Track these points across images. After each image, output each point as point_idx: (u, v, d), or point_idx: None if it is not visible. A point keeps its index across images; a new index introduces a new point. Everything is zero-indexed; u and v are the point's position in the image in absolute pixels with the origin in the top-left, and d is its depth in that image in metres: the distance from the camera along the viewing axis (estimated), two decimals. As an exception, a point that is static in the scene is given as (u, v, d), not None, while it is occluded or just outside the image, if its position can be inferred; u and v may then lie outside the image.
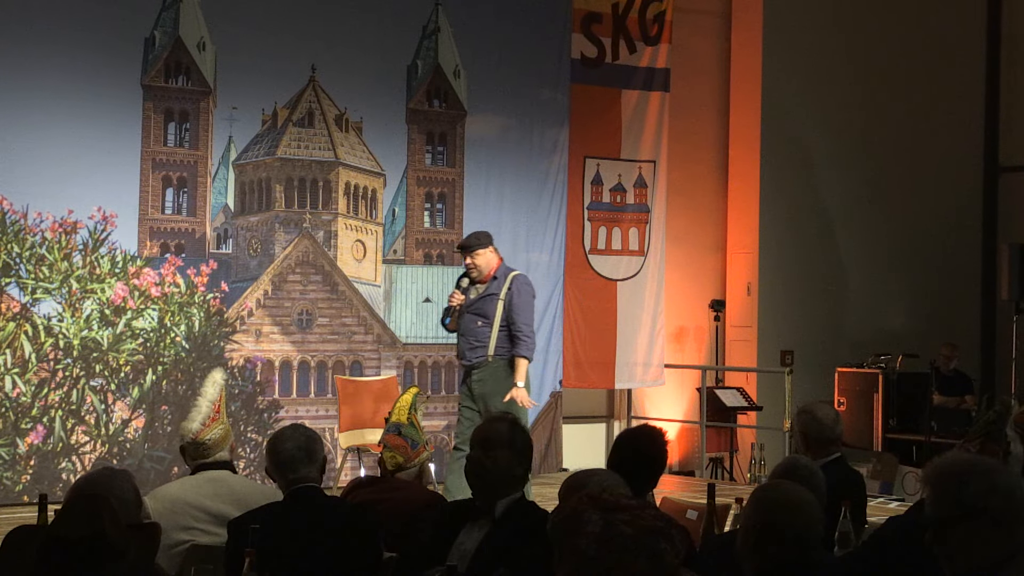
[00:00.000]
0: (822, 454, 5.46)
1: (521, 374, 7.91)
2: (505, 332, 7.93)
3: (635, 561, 2.69)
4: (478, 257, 8.00)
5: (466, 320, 8.00)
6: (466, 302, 8.02)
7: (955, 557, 2.89)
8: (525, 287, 8.10)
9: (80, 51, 9.02)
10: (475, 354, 7.96)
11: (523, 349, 7.92)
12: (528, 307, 8.07)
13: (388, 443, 5.14)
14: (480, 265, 8.00)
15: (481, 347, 7.95)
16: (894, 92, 13.09)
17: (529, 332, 8.00)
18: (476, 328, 7.96)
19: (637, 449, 4.84)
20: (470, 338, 7.99)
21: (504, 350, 7.94)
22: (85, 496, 3.41)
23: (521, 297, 8.00)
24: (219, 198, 9.75)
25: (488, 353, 7.93)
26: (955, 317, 13.22)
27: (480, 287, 8.03)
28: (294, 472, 4.33)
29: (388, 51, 10.31)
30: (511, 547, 3.96)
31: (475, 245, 8.03)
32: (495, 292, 7.97)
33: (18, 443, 8.78)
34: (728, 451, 11.94)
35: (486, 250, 8.03)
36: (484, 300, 7.98)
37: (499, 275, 8.03)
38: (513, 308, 7.94)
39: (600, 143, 11.37)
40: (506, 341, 7.94)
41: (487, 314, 7.95)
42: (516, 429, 4.27)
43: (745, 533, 3.53)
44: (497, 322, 7.92)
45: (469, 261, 8.04)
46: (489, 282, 8.01)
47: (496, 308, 7.93)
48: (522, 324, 7.93)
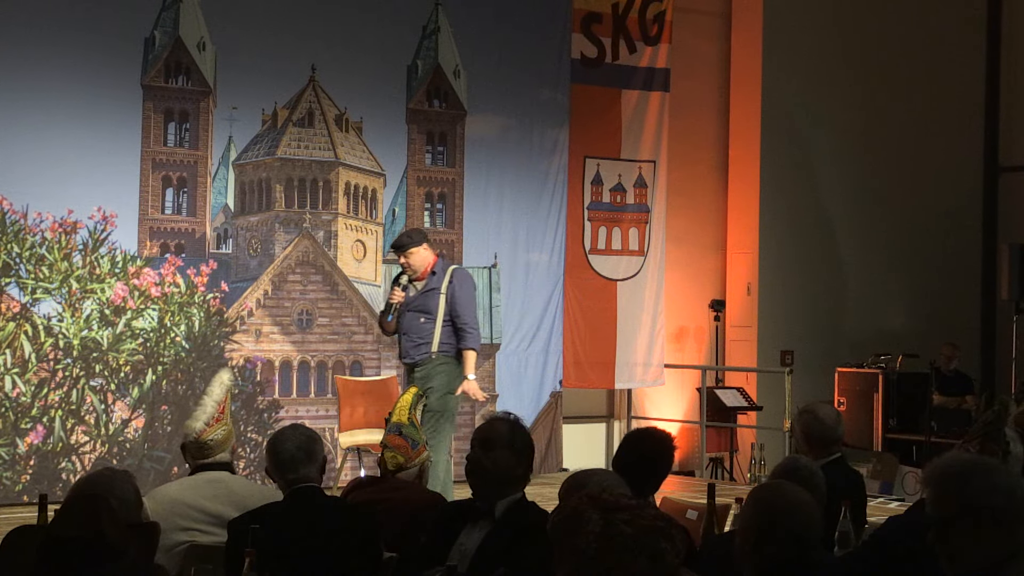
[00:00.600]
0: (823, 454, 5.45)
1: (471, 366, 7.86)
2: (449, 327, 7.85)
3: (635, 561, 2.69)
4: (412, 256, 7.91)
5: (408, 318, 7.92)
6: (406, 300, 7.94)
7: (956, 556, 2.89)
8: (466, 280, 8.04)
9: (80, 51, 9.02)
10: (419, 351, 7.86)
11: (470, 341, 7.87)
12: (471, 299, 8.00)
13: (389, 443, 5.14)
14: (414, 264, 7.92)
15: (425, 344, 7.85)
16: (894, 92, 13.09)
17: (474, 324, 7.93)
18: (419, 324, 7.87)
19: (644, 451, 4.84)
20: (413, 336, 7.89)
21: (448, 346, 7.85)
22: (84, 496, 3.41)
23: (463, 290, 7.92)
24: (219, 198, 9.75)
25: (432, 350, 7.83)
26: (955, 317, 13.22)
27: (419, 284, 7.95)
28: (294, 472, 4.33)
29: (388, 51, 10.31)
30: (511, 547, 3.96)
31: (407, 244, 7.93)
32: (436, 287, 7.89)
33: (18, 443, 8.78)
34: (728, 451, 11.94)
35: (419, 248, 7.92)
36: (425, 296, 7.90)
37: (437, 270, 7.95)
38: (456, 301, 7.86)
39: (600, 143, 11.37)
40: (450, 336, 7.85)
41: (429, 310, 7.86)
42: (517, 428, 4.26)
43: (744, 534, 3.53)
44: (440, 317, 7.84)
45: (403, 260, 7.95)
46: (428, 278, 7.93)
47: (438, 303, 7.85)
48: (467, 317, 7.86)
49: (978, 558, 2.87)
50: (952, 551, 2.89)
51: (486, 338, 10.73)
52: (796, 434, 5.59)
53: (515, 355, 10.87)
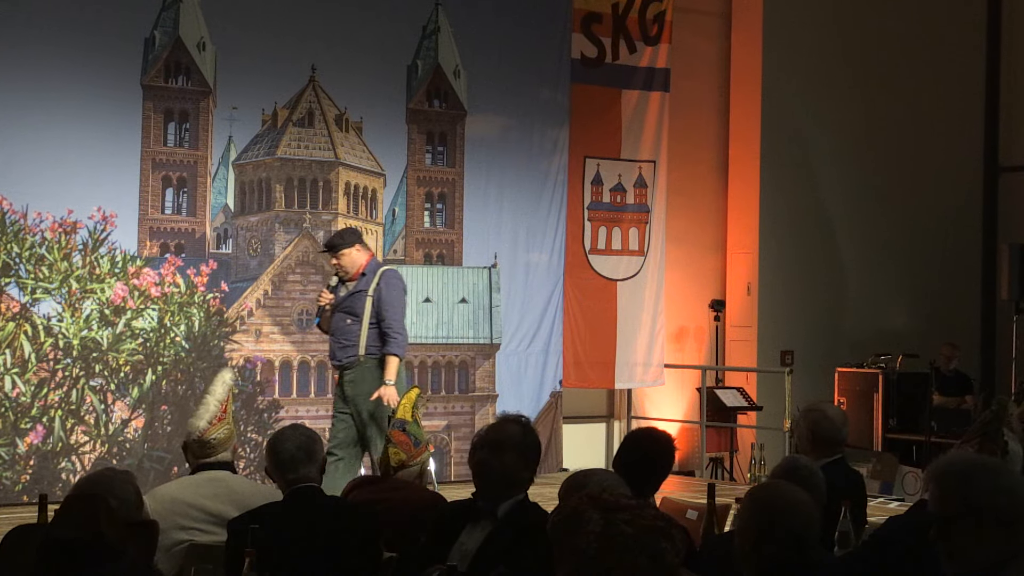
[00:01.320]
0: (827, 454, 5.44)
1: (391, 372, 7.62)
2: (376, 330, 7.67)
3: (636, 560, 2.69)
4: (343, 257, 7.76)
5: (336, 319, 7.77)
6: (336, 300, 7.79)
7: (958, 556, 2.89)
8: (395, 282, 7.84)
9: (80, 51, 9.02)
10: (346, 353, 7.70)
11: (393, 347, 7.65)
12: (399, 303, 7.80)
13: (392, 438, 5.12)
14: (345, 264, 7.76)
15: (352, 346, 7.69)
16: (894, 92, 13.09)
17: (400, 328, 7.71)
18: (346, 326, 7.72)
19: (644, 452, 4.84)
20: (340, 337, 7.74)
21: (375, 348, 7.68)
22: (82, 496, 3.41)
23: (391, 292, 7.74)
24: (219, 198, 9.75)
25: (359, 352, 7.67)
26: (955, 317, 13.22)
27: (350, 285, 7.79)
28: (294, 472, 4.33)
29: (388, 51, 10.31)
30: (512, 547, 3.96)
31: (339, 245, 7.77)
32: (364, 288, 7.72)
33: (18, 443, 8.78)
34: (728, 451, 11.94)
35: (351, 249, 7.76)
36: (353, 297, 7.74)
37: (368, 271, 7.78)
38: (383, 304, 7.68)
39: (600, 143, 11.37)
40: (376, 339, 7.67)
41: (356, 311, 7.69)
42: (527, 432, 4.26)
43: (742, 534, 3.52)
44: (367, 319, 7.67)
45: (334, 261, 7.80)
46: (358, 279, 7.77)
47: (365, 305, 7.68)
48: (392, 320, 7.67)
49: (980, 557, 2.87)
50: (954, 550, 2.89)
51: (486, 338, 10.74)
52: (801, 432, 5.55)
53: (515, 355, 10.88)
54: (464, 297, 10.72)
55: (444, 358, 10.56)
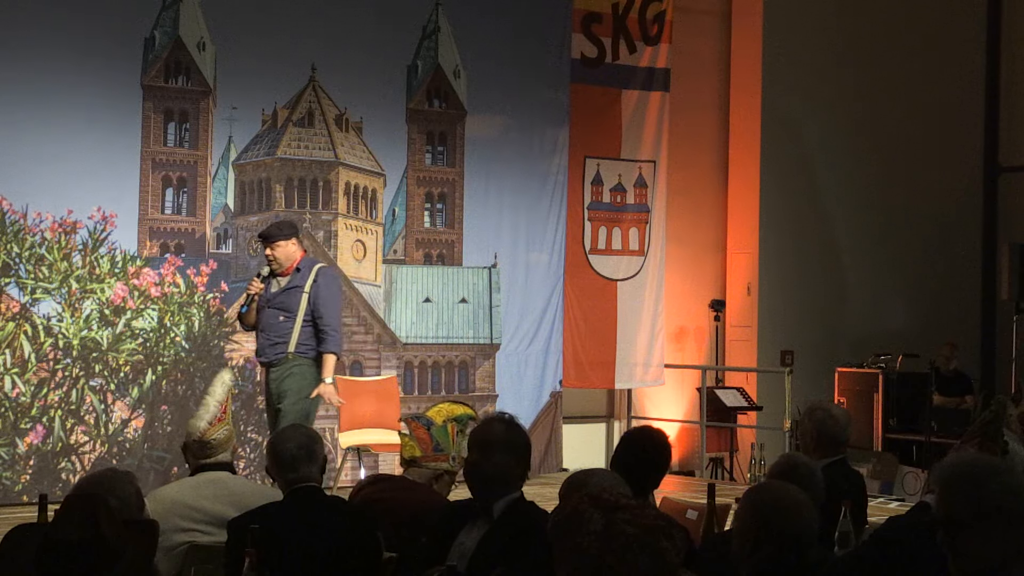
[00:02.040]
0: (829, 454, 5.42)
1: (330, 369, 7.48)
2: (309, 328, 7.47)
3: (637, 560, 2.68)
4: (278, 249, 7.55)
5: (267, 315, 7.54)
6: (265, 295, 7.56)
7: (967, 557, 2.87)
8: (332, 279, 7.71)
9: (80, 51, 9.01)
10: (275, 351, 7.50)
11: (331, 344, 7.49)
12: (335, 300, 7.66)
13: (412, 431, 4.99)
14: (280, 257, 7.56)
15: (282, 343, 7.48)
16: (894, 92, 13.08)
17: (337, 326, 7.58)
18: (278, 323, 7.49)
19: (643, 451, 4.84)
20: (271, 334, 7.52)
21: (306, 347, 7.49)
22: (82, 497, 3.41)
23: (328, 290, 7.57)
24: (219, 198, 9.75)
25: (289, 350, 7.47)
26: (955, 317, 13.22)
27: (282, 280, 7.58)
28: (294, 472, 4.33)
29: (388, 51, 10.31)
30: (510, 546, 3.96)
31: (276, 235, 7.57)
32: (299, 285, 7.52)
33: (18, 443, 8.78)
34: (728, 451, 11.94)
35: (288, 241, 7.57)
36: (287, 293, 7.52)
37: (303, 267, 7.59)
38: (319, 301, 7.49)
39: (600, 143, 11.37)
40: (309, 338, 7.48)
41: (290, 308, 7.48)
42: (513, 428, 4.25)
43: (740, 535, 3.51)
44: (300, 316, 7.46)
45: (268, 252, 7.58)
46: (292, 274, 7.57)
47: (300, 301, 7.47)
48: (329, 318, 7.50)
49: (987, 558, 2.85)
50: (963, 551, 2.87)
51: (486, 338, 10.74)
52: (805, 431, 5.52)
53: (515, 355, 10.87)
54: (464, 297, 10.72)
55: (444, 358, 10.56)
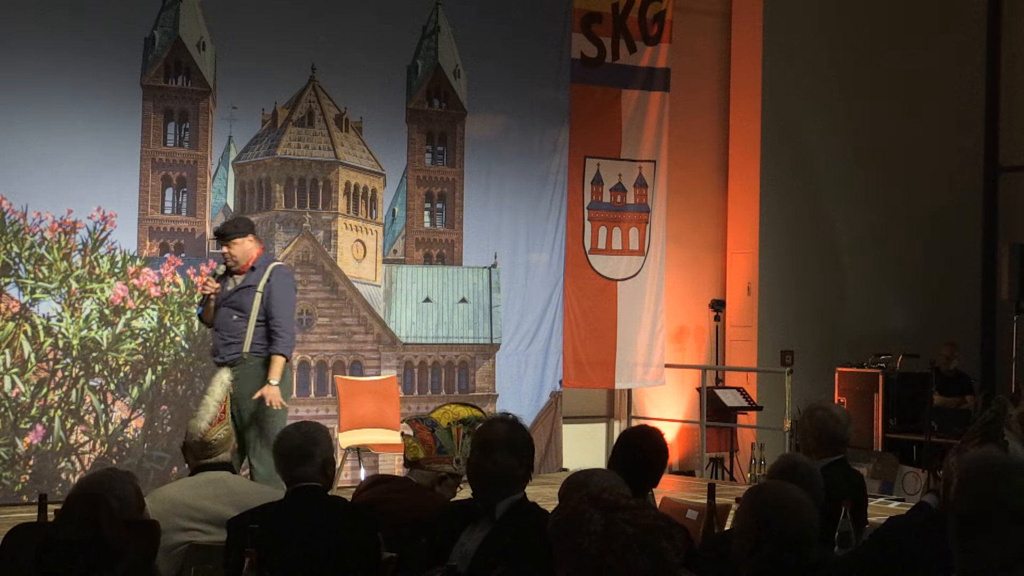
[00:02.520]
0: (830, 453, 5.42)
1: (277, 372, 7.29)
2: (263, 327, 7.34)
3: (637, 560, 2.69)
4: (235, 246, 7.40)
5: (222, 314, 7.41)
6: (222, 294, 7.42)
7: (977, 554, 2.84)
8: (286, 279, 7.55)
9: (80, 51, 9.02)
10: (229, 351, 7.34)
11: (281, 346, 7.33)
12: (288, 300, 7.50)
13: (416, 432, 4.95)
14: (237, 255, 7.41)
15: (236, 343, 7.33)
16: (894, 92, 13.09)
17: (288, 327, 7.42)
18: (232, 322, 7.36)
19: (640, 450, 4.84)
20: (225, 333, 7.38)
21: (261, 347, 7.33)
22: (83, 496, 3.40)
23: (281, 290, 7.41)
24: (219, 198, 9.75)
25: (243, 350, 7.32)
26: (955, 317, 13.22)
27: (238, 278, 7.44)
28: (290, 472, 4.33)
29: (388, 51, 10.31)
30: (512, 547, 3.96)
31: (232, 233, 7.42)
32: (253, 284, 7.38)
33: (17, 443, 8.78)
34: (728, 451, 11.94)
35: (245, 239, 7.43)
36: (241, 292, 7.39)
37: (258, 266, 7.44)
38: (272, 301, 7.34)
39: (600, 143, 11.37)
40: (263, 337, 7.34)
41: (243, 307, 7.35)
42: (516, 429, 4.24)
43: (741, 536, 3.51)
44: (254, 316, 7.33)
45: (225, 250, 7.44)
46: (247, 273, 7.42)
47: (254, 301, 7.34)
48: (281, 319, 7.34)
49: (999, 557, 2.83)
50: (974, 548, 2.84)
51: (486, 338, 10.74)
52: (805, 431, 5.51)
53: (515, 355, 10.87)
54: (464, 297, 10.72)
55: (444, 358, 10.56)
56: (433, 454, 4.92)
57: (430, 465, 4.92)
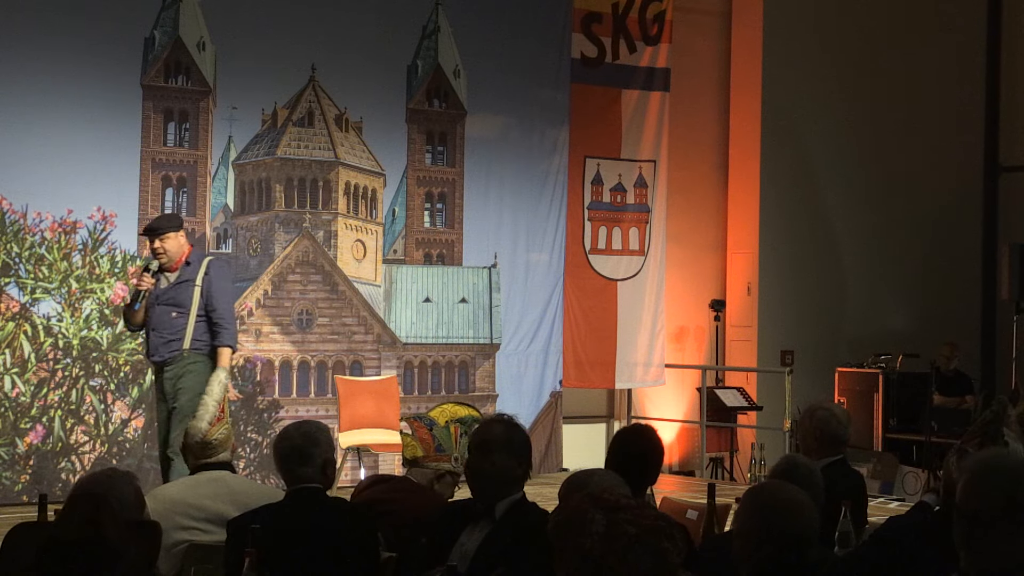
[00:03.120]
0: (830, 453, 5.42)
1: (225, 361, 7.18)
2: (203, 322, 7.19)
3: (639, 560, 2.69)
4: (167, 241, 7.22)
5: (158, 312, 7.20)
6: (155, 292, 7.23)
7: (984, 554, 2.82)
8: (224, 271, 7.45)
9: (80, 51, 9.02)
10: (169, 348, 7.17)
11: (226, 338, 7.21)
12: (229, 292, 7.42)
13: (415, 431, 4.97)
14: (170, 250, 7.22)
15: (176, 340, 7.17)
16: (894, 92, 13.09)
17: (231, 319, 7.30)
18: (171, 320, 7.17)
19: (635, 449, 4.84)
20: (163, 331, 7.19)
21: (201, 343, 7.19)
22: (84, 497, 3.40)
23: (220, 282, 7.28)
24: (219, 198, 9.75)
25: (184, 347, 7.17)
26: (955, 317, 13.22)
27: (171, 275, 7.26)
28: (290, 473, 4.33)
29: (388, 51, 10.31)
30: (511, 547, 3.96)
31: (165, 227, 7.24)
32: (190, 278, 7.21)
33: (17, 443, 8.78)
34: (728, 451, 11.94)
35: (177, 233, 7.27)
36: (178, 288, 7.21)
37: (192, 260, 7.29)
38: (213, 294, 7.19)
39: (600, 143, 11.37)
40: (203, 333, 7.19)
41: (182, 303, 7.18)
42: (513, 429, 4.25)
43: (741, 536, 3.50)
44: (194, 311, 7.17)
45: (157, 245, 7.22)
46: (181, 268, 7.25)
47: (193, 296, 7.18)
48: (223, 311, 7.22)
49: (1006, 558, 2.81)
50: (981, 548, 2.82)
51: (486, 338, 10.74)
52: (805, 431, 5.50)
53: (515, 355, 10.88)
54: (464, 297, 10.72)
55: (444, 358, 10.56)
56: (431, 452, 4.94)
57: (428, 463, 4.94)
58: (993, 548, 2.81)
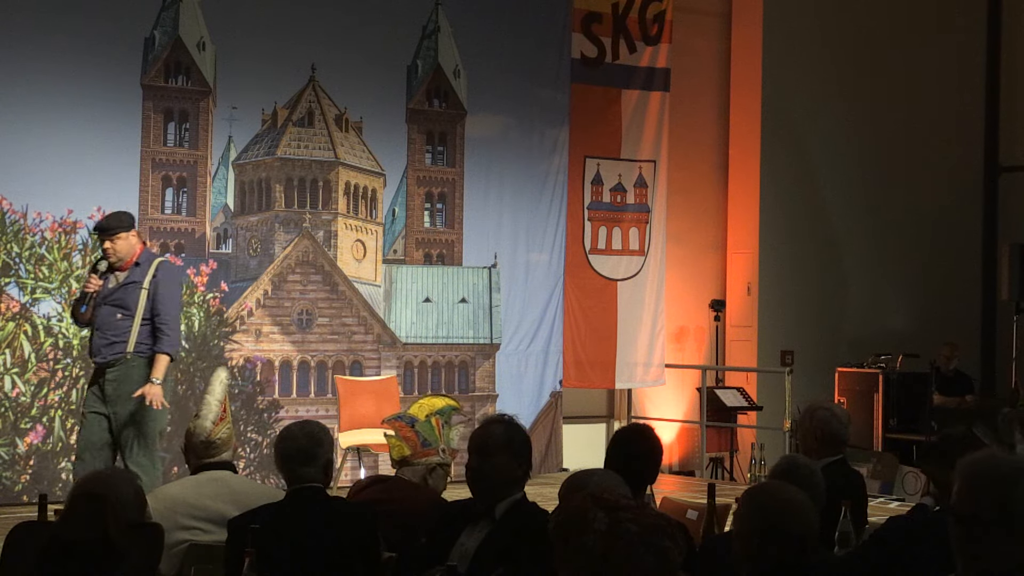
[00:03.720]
0: (830, 453, 5.42)
1: (161, 370, 6.99)
2: (148, 326, 7.03)
3: (642, 559, 2.69)
4: (119, 241, 7.05)
5: (104, 312, 7.04)
6: (102, 291, 7.07)
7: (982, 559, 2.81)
8: (173, 275, 7.29)
9: (80, 51, 9.01)
10: (112, 350, 7.01)
11: (167, 344, 7.02)
12: (176, 298, 7.24)
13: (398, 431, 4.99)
14: (120, 250, 7.05)
15: (120, 342, 7.01)
16: (894, 92, 13.09)
17: (175, 326, 7.16)
18: (116, 321, 7.02)
19: (633, 449, 4.84)
20: (108, 332, 7.03)
21: (145, 347, 7.02)
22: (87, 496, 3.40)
23: (169, 286, 7.13)
24: (219, 198, 9.75)
25: (127, 349, 7.00)
26: (955, 317, 13.23)
27: (120, 275, 7.10)
28: (294, 472, 4.33)
29: (388, 51, 10.31)
30: (511, 547, 3.96)
31: (117, 227, 7.06)
32: (138, 280, 7.05)
33: (17, 443, 8.78)
34: (728, 451, 11.94)
35: (128, 233, 7.09)
36: (125, 289, 7.05)
37: (142, 261, 7.12)
38: (159, 298, 7.04)
39: (600, 143, 11.37)
40: (148, 336, 7.03)
41: (128, 305, 7.03)
42: (512, 429, 4.25)
43: (741, 538, 3.50)
44: (140, 314, 7.02)
45: (108, 245, 7.05)
46: (130, 269, 7.09)
47: (139, 298, 7.03)
48: (168, 316, 7.05)
49: (1004, 562, 2.80)
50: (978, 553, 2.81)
51: (486, 338, 10.74)
52: (806, 431, 5.50)
53: (515, 355, 10.88)
54: (464, 297, 10.72)
55: (444, 358, 10.56)
56: (418, 448, 4.97)
57: (418, 460, 4.97)
58: (989, 554, 2.80)
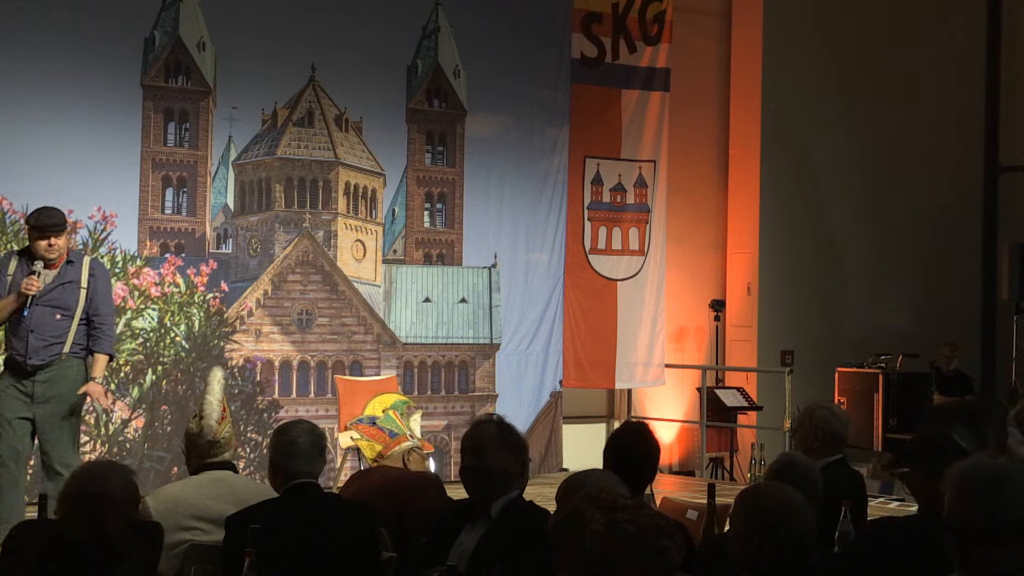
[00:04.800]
0: (830, 453, 5.42)
1: (100, 369, 6.89)
2: (84, 326, 6.86)
3: (641, 559, 2.69)
4: (63, 238, 6.88)
5: (39, 313, 6.79)
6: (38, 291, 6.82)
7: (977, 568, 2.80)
8: (106, 273, 7.12)
9: (80, 51, 9.01)
10: (51, 352, 6.79)
11: (106, 344, 6.91)
12: (110, 296, 7.13)
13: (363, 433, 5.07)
14: (63, 247, 6.89)
15: (58, 344, 6.80)
16: (894, 92, 13.09)
17: (112, 323, 7.05)
18: (54, 322, 6.80)
19: (631, 449, 4.84)
20: (46, 334, 6.79)
21: (79, 347, 6.87)
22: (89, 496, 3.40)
23: (105, 285, 6.99)
24: (219, 198, 9.75)
25: (64, 350, 6.82)
26: (955, 317, 13.23)
27: (51, 272, 6.85)
28: (295, 469, 4.34)
29: (388, 51, 10.31)
30: (509, 546, 3.97)
31: (62, 224, 6.87)
32: (74, 279, 6.86)
33: (18, 443, 8.76)
34: (728, 451, 11.95)
35: (66, 231, 6.95)
36: (61, 289, 6.84)
37: (74, 259, 6.93)
38: (98, 298, 6.89)
39: (600, 143, 11.37)
40: (83, 337, 6.86)
41: (67, 305, 6.83)
42: (504, 428, 4.25)
43: (738, 540, 3.49)
44: (78, 314, 6.84)
45: (55, 242, 6.82)
46: (63, 267, 6.87)
47: (79, 298, 6.84)
48: (106, 316, 6.94)
49: (999, 570, 2.80)
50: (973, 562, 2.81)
51: (486, 338, 10.74)
52: (806, 431, 5.49)
53: (515, 355, 10.88)
54: (464, 297, 10.72)
55: (444, 358, 10.56)
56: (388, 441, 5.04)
57: (391, 450, 5.02)
58: (986, 562, 2.79)
